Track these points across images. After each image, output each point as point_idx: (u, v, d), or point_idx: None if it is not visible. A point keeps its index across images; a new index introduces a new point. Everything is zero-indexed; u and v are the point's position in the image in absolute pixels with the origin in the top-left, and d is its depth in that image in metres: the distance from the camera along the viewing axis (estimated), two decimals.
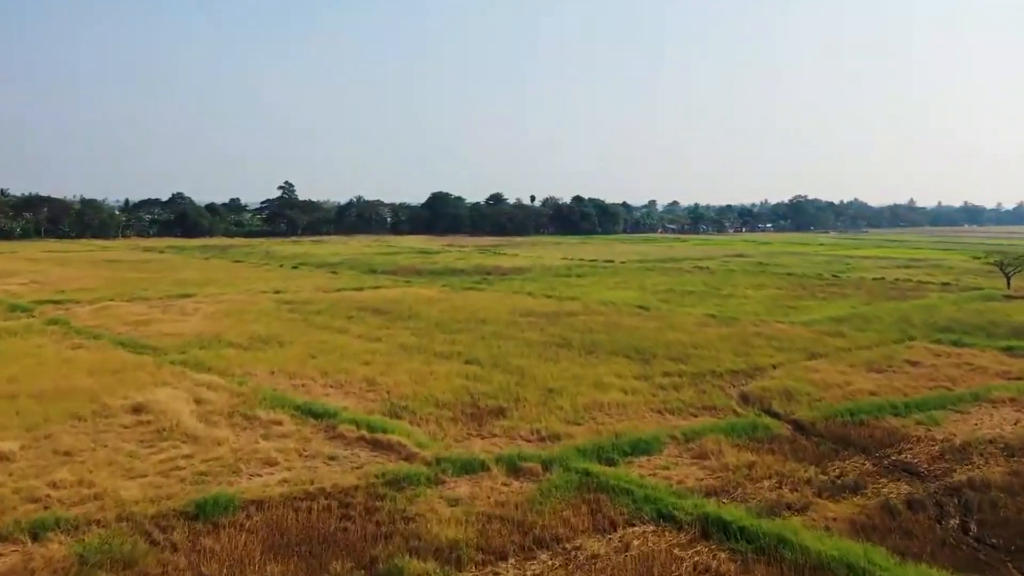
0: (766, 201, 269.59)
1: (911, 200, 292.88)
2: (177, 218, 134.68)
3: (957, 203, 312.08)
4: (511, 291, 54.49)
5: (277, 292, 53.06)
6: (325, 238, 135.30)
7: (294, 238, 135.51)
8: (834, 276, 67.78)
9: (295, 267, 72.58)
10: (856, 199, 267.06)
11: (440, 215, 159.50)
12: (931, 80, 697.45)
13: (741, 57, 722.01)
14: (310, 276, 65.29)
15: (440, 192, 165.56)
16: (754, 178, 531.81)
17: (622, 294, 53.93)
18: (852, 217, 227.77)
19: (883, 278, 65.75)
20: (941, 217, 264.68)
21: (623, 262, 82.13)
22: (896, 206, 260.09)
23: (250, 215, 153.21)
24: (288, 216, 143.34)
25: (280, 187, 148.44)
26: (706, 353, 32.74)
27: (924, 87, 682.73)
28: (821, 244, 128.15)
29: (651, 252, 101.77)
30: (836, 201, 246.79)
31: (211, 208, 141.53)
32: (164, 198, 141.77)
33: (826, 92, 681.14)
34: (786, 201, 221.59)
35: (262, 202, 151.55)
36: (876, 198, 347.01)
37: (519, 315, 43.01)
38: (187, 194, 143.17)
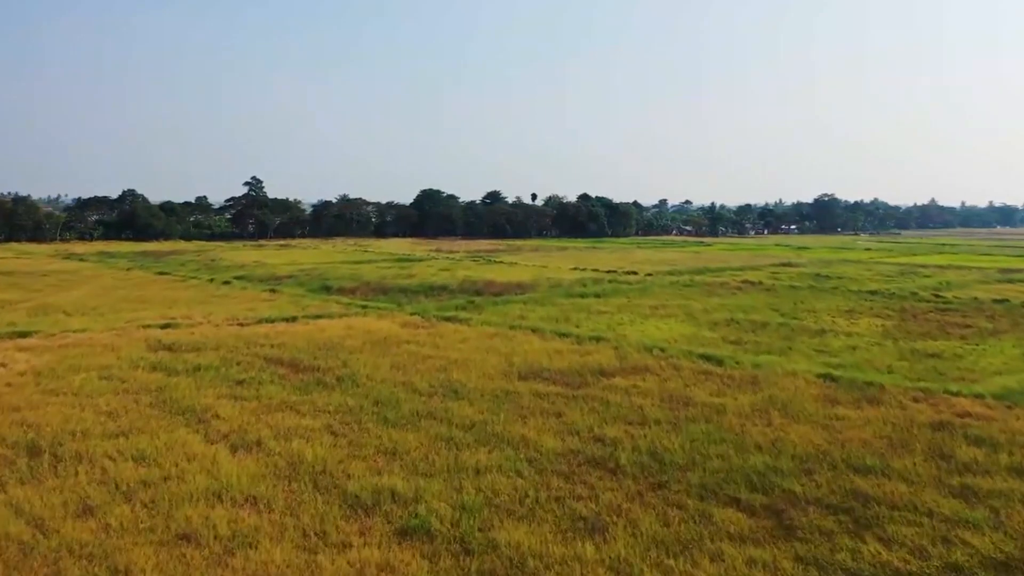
0: (780, 201, 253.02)
1: (932, 199, 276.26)
2: (126, 219, 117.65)
3: (982, 203, 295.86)
4: (507, 324, 37.93)
5: (167, 326, 36.57)
6: (295, 241, 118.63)
7: (262, 241, 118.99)
8: (936, 296, 51.17)
9: (227, 282, 55.99)
10: (876, 199, 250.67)
11: (430, 215, 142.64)
12: (951, 76, 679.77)
13: (752, 53, 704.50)
14: (238, 296, 48.73)
15: (430, 190, 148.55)
16: (767, 177, 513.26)
17: (669, 328, 37.44)
18: (881, 218, 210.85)
19: (1006, 300, 49.14)
20: (973, 218, 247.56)
21: (650, 274, 65.54)
22: (926, 206, 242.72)
23: (217, 216, 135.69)
24: (256, 216, 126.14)
25: (246, 183, 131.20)
26: (892, 489, 16.39)
27: (944, 83, 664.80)
28: (868, 249, 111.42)
29: (678, 260, 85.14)
30: (853, 201, 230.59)
31: (167, 208, 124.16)
32: (115, 195, 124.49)
33: (841, 88, 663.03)
34: (809, 200, 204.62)
35: (226, 200, 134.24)
36: (895, 197, 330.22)
37: (518, 377, 26.53)
38: (156, 191, 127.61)
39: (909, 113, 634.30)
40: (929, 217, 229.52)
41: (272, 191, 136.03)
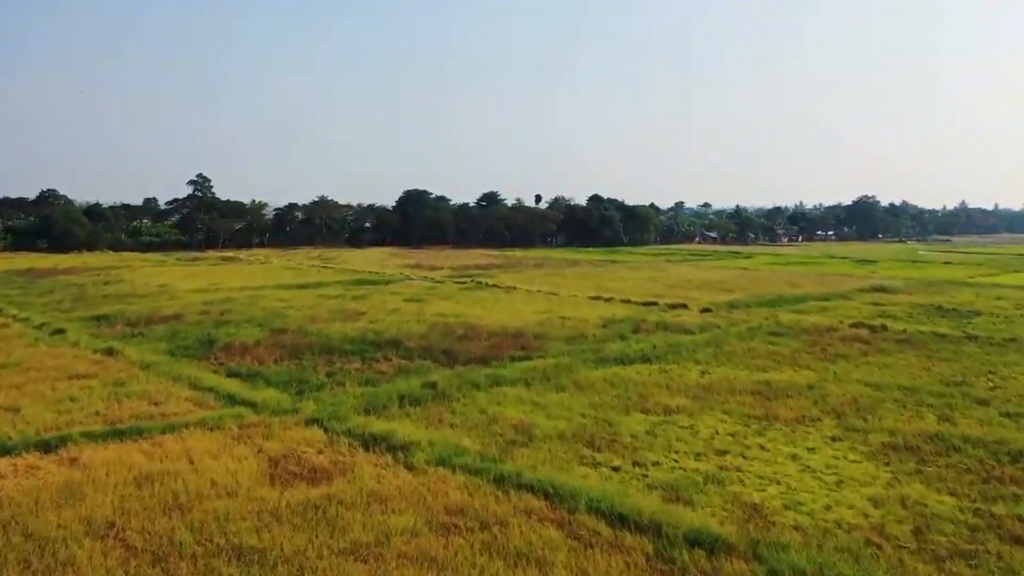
0: (801, 203, 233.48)
1: (963, 201, 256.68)
2: (42, 224, 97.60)
3: (1016, 205, 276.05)
4: (492, 471, 18.00)
5: None
6: (246, 253, 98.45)
7: (208, 252, 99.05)
8: None
9: (60, 331, 36.06)
10: (904, 201, 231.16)
11: (415, 220, 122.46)
12: (973, 74, 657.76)
13: (766, 50, 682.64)
14: (37, 367, 28.51)
15: (414, 190, 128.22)
16: (781, 177, 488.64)
17: (834, 476, 17.62)
18: (924, 222, 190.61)
19: None
20: (1016, 221, 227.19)
21: (708, 309, 45.48)
22: (961, 209, 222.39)
23: (166, 221, 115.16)
24: (203, 222, 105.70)
25: (191, 182, 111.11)
26: None
27: (966, 80, 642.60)
28: (947, 263, 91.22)
29: (728, 281, 64.87)
30: (887, 203, 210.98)
31: (93, 212, 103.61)
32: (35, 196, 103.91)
33: (863, 85, 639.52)
34: (845, 203, 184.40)
35: (167, 203, 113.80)
36: (922, 199, 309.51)
37: None
38: (128, 190, 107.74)
39: (926, 112, 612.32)
40: (972, 221, 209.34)
41: (247, 193, 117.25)
